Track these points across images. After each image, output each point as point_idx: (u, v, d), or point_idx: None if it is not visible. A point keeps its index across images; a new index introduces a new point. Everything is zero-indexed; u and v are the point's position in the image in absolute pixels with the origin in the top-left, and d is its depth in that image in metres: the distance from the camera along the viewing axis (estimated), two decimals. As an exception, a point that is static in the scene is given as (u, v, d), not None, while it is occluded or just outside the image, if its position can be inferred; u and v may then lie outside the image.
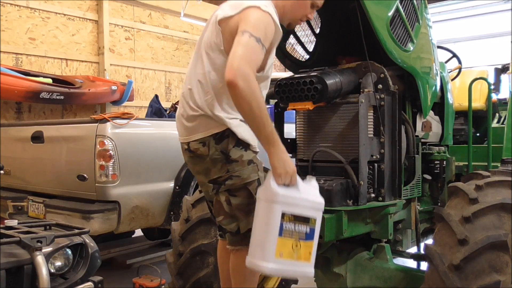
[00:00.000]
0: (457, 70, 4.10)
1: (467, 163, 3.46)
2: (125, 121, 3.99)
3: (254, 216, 2.06)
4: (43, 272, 2.11)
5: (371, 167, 2.62)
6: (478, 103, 4.47)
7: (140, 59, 8.48)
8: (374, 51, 2.63)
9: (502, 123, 4.32)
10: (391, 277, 2.72)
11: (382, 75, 2.65)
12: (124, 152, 3.94)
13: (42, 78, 6.39)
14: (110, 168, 3.86)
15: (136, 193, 4.04)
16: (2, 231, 2.28)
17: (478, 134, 4.56)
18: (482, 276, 2.10)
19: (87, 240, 2.50)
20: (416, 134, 2.98)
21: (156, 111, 6.29)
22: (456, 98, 3.97)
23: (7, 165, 4.64)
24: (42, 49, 7.05)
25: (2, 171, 4.25)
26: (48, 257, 2.24)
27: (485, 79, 3.87)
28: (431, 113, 3.25)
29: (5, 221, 2.45)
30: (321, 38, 3.18)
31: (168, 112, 6.26)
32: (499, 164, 3.37)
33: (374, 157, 2.63)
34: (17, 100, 6.47)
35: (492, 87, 4.13)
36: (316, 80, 2.57)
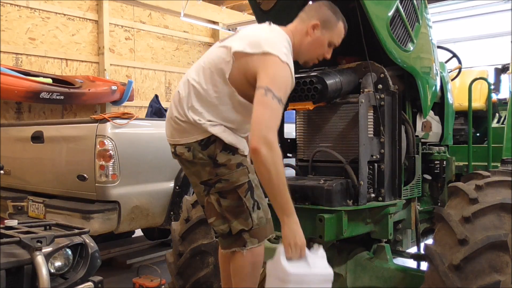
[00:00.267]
0: (457, 70, 4.10)
1: (467, 163, 3.46)
2: (125, 121, 4.00)
3: None
4: (43, 272, 2.11)
5: (371, 167, 2.62)
6: (478, 103, 4.47)
7: (140, 59, 8.48)
8: (374, 51, 2.63)
9: (502, 123, 4.32)
10: (391, 277, 2.72)
11: (382, 75, 2.65)
12: (124, 152, 3.95)
13: (42, 78, 6.39)
14: (110, 168, 3.86)
15: (136, 193, 4.04)
16: (2, 231, 2.28)
17: (478, 134, 4.56)
18: (482, 276, 2.10)
19: (87, 240, 2.50)
20: (416, 134, 2.98)
21: (156, 111, 6.29)
22: (456, 98, 3.97)
23: (7, 165, 4.64)
24: (42, 49, 7.05)
25: (2, 171, 4.26)
26: (48, 257, 2.24)
27: (485, 79, 3.87)
28: (431, 113, 3.24)
29: (5, 221, 2.46)
30: (321, 38, 3.18)
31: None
32: (499, 164, 3.37)
33: (374, 157, 2.63)
34: (17, 100, 6.46)
35: (492, 87, 4.13)
36: (316, 80, 2.57)
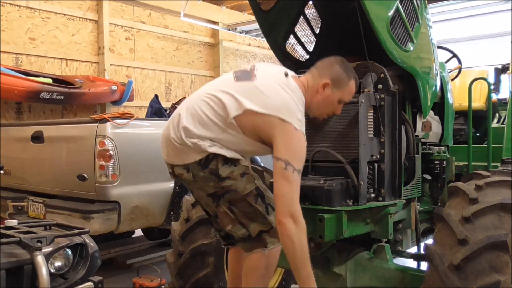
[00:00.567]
0: (457, 70, 4.09)
1: (467, 163, 3.46)
2: (125, 121, 4.00)
3: None
4: (43, 272, 2.10)
5: (371, 167, 2.62)
6: (478, 103, 4.46)
7: (140, 59, 8.48)
8: (374, 51, 2.63)
9: (502, 123, 4.31)
10: (391, 277, 2.72)
11: (382, 75, 2.65)
12: (124, 152, 3.95)
13: (42, 78, 6.39)
14: (110, 168, 3.86)
15: (136, 193, 4.04)
16: (2, 231, 2.28)
17: (478, 134, 4.55)
18: (482, 276, 2.10)
19: (87, 240, 2.50)
20: (416, 134, 2.98)
21: (156, 111, 6.30)
22: (456, 98, 3.97)
23: (7, 165, 4.64)
24: (42, 49, 7.05)
25: (2, 171, 4.26)
26: (48, 257, 2.24)
27: (485, 79, 3.87)
28: (431, 113, 3.24)
29: (5, 221, 2.45)
30: (321, 38, 3.18)
31: (168, 112, 6.26)
32: (499, 164, 3.37)
33: (374, 157, 2.63)
34: (17, 100, 6.47)
35: (492, 87, 4.12)
36: (316, 80, 2.56)
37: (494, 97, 4.82)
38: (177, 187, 4.30)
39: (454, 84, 4.22)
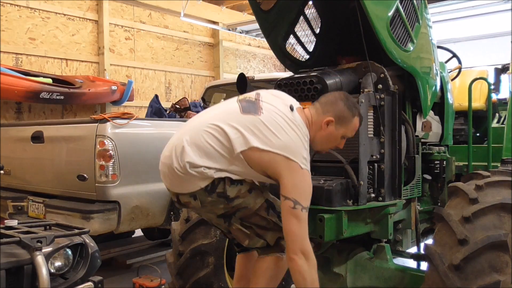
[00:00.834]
0: (457, 70, 4.09)
1: (467, 163, 3.46)
2: (125, 121, 3.99)
3: None
4: (43, 272, 2.10)
5: (371, 167, 2.62)
6: (478, 103, 4.47)
7: (140, 59, 8.48)
8: (374, 51, 2.63)
9: (502, 123, 4.31)
10: (391, 277, 2.72)
11: (382, 75, 2.65)
12: (124, 152, 3.94)
13: (42, 78, 6.40)
14: (110, 168, 3.86)
15: (136, 193, 4.04)
16: (2, 231, 2.28)
17: (478, 134, 4.55)
18: (482, 276, 2.10)
19: (87, 240, 2.50)
20: (416, 134, 2.98)
21: (156, 111, 6.29)
22: (456, 98, 3.97)
23: (7, 165, 4.64)
24: (42, 49, 7.05)
25: (2, 171, 4.26)
26: (48, 257, 2.24)
27: (485, 79, 3.87)
28: (431, 113, 3.24)
29: (5, 221, 2.45)
30: (321, 38, 3.18)
31: (168, 112, 6.26)
32: (499, 164, 3.36)
33: (374, 157, 2.63)
34: (17, 100, 6.47)
35: (492, 87, 4.12)
36: (316, 80, 2.57)
37: (494, 97, 4.82)
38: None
39: (454, 84, 4.22)
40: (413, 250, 3.20)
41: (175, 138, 2.25)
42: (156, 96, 6.62)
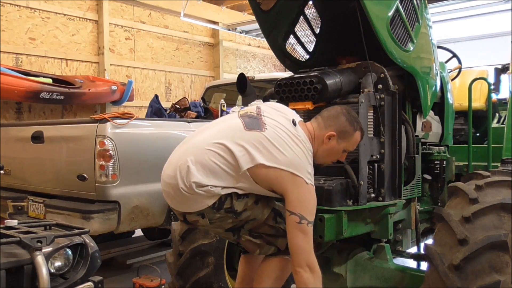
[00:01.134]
0: (457, 70, 4.10)
1: (467, 163, 3.46)
2: (125, 121, 3.99)
3: None
4: (43, 272, 2.10)
5: (371, 167, 2.62)
6: (478, 103, 4.47)
7: (140, 59, 8.48)
8: (374, 51, 2.63)
9: (502, 123, 4.31)
10: (391, 277, 2.72)
11: (382, 75, 2.65)
12: (124, 152, 3.94)
13: (42, 78, 6.40)
14: (110, 168, 3.86)
15: (136, 193, 4.04)
16: (2, 231, 2.28)
17: (478, 134, 4.55)
18: (482, 276, 2.10)
19: (87, 240, 2.50)
20: (416, 134, 2.97)
21: (156, 111, 6.29)
22: (456, 98, 3.97)
23: (7, 165, 4.64)
24: (42, 49, 7.05)
25: (2, 171, 4.25)
26: (48, 257, 2.24)
27: (485, 79, 3.87)
28: (431, 113, 3.24)
29: (5, 221, 2.45)
30: (321, 38, 3.18)
31: (168, 112, 6.26)
32: (499, 164, 3.36)
33: (374, 157, 2.63)
34: (17, 100, 6.47)
35: (492, 87, 4.12)
36: (316, 80, 2.57)
37: (494, 97, 4.82)
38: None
39: (454, 84, 4.23)
40: (413, 250, 3.20)
41: (178, 157, 2.21)
42: (156, 96, 6.62)
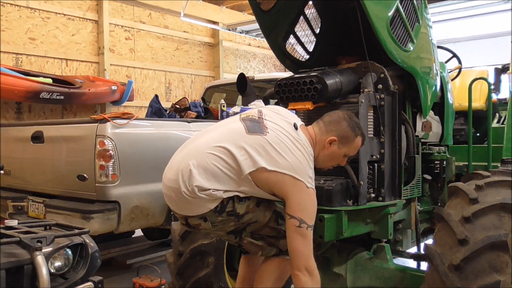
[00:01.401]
0: (457, 70, 4.10)
1: (467, 163, 3.46)
2: (125, 121, 3.99)
3: None
4: (43, 272, 2.10)
5: (371, 167, 2.62)
6: (478, 103, 4.47)
7: (140, 59, 8.48)
8: (374, 51, 2.63)
9: (502, 123, 4.31)
10: (391, 277, 2.72)
11: (382, 75, 2.65)
12: (124, 152, 3.94)
13: (42, 78, 6.39)
14: (110, 168, 3.86)
15: (136, 193, 4.04)
16: (2, 231, 2.28)
17: (478, 134, 4.55)
18: (482, 276, 2.10)
19: (87, 240, 2.50)
20: (416, 134, 2.98)
21: (156, 111, 6.29)
22: (456, 98, 3.97)
23: (7, 165, 4.64)
24: (42, 49, 7.05)
25: (2, 171, 4.25)
26: (48, 257, 2.24)
27: (485, 79, 3.87)
28: (431, 113, 3.24)
29: (5, 221, 2.45)
30: (321, 38, 3.18)
31: (168, 112, 6.26)
32: (499, 164, 3.37)
33: (374, 157, 2.63)
34: (17, 100, 6.46)
35: (492, 87, 4.12)
36: (316, 80, 2.57)
37: (494, 97, 4.82)
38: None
39: (454, 84, 4.23)
40: (413, 250, 3.20)
41: (179, 160, 2.21)
42: (156, 96, 6.62)
